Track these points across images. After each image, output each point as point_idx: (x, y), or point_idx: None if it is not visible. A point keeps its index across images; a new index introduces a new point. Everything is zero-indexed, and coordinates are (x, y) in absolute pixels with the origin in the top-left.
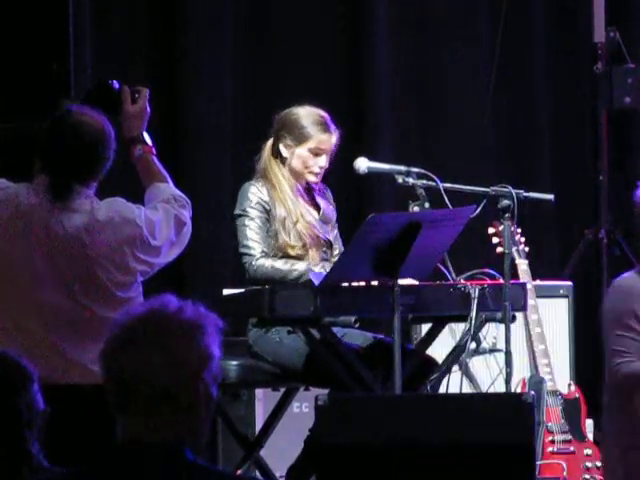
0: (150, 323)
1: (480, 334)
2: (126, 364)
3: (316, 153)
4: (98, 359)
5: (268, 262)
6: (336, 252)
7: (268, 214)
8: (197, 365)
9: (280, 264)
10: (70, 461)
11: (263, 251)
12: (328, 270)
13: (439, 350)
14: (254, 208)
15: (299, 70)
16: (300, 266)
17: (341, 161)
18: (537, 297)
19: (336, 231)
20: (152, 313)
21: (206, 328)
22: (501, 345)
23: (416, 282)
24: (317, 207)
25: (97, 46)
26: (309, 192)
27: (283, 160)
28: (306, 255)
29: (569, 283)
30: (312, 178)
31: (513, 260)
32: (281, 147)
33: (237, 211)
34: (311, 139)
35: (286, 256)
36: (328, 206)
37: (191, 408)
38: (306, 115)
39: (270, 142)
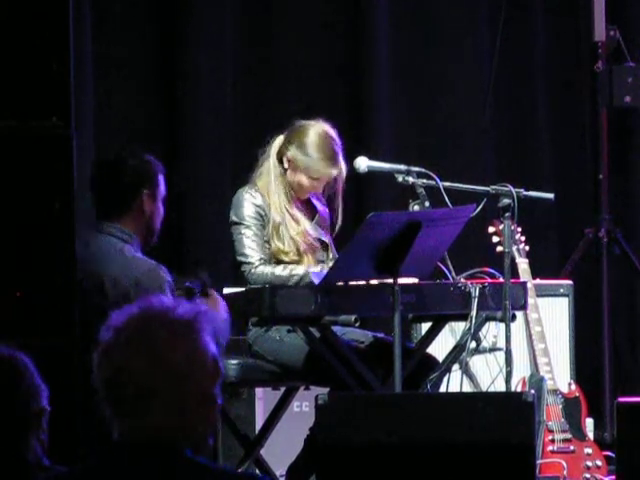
0: (135, 323)
1: (480, 333)
2: (112, 365)
3: (314, 180)
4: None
5: (267, 269)
6: (330, 256)
7: (263, 219)
8: (185, 364)
9: (279, 270)
10: None
11: (261, 258)
12: (328, 269)
13: (439, 349)
14: (250, 215)
15: (299, 70)
16: (299, 270)
17: None
18: (537, 296)
19: (329, 237)
20: (139, 314)
21: (197, 326)
22: (501, 344)
23: (416, 280)
24: (313, 210)
25: (97, 46)
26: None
27: (283, 166)
28: (301, 260)
29: (569, 282)
30: (301, 196)
31: (513, 259)
32: (285, 158)
33: (233, 218)
34: (313, 171)
35: (280, 262)
36: (324, 209)
37: (182, 408)
38: (318, 144)
39: (279, 143)
